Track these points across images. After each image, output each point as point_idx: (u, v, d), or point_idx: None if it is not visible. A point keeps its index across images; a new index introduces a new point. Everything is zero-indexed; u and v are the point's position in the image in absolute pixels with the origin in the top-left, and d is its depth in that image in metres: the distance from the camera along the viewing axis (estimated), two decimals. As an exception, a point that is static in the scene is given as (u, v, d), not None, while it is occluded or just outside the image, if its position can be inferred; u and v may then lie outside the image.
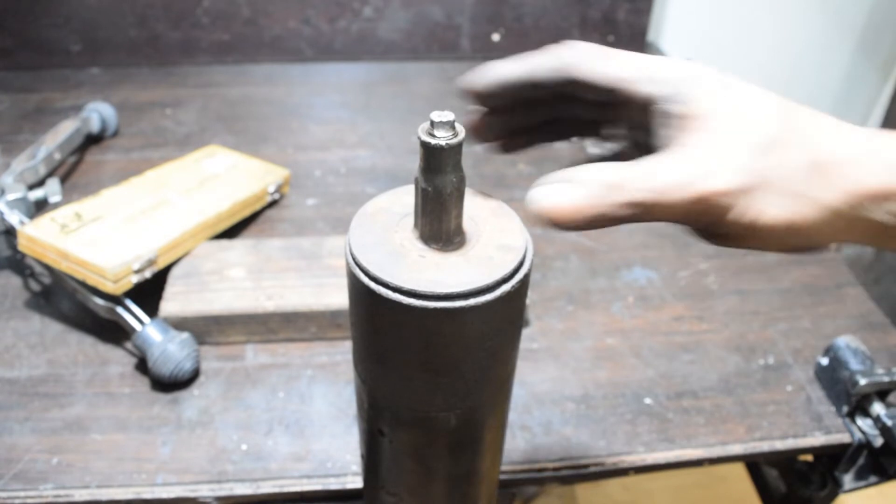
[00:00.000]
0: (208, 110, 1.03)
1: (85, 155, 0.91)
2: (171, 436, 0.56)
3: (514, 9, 1.19)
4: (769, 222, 0.28)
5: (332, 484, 0.53)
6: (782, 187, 0.28)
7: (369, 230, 0.32)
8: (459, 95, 0.33)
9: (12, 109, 1.02)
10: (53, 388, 0.59)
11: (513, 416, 0.58)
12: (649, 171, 0.27)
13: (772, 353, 0.65)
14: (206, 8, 1.13)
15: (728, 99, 0.28)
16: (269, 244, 0.70)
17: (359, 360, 0.36)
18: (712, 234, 0.29)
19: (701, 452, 0.56)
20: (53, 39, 1.12)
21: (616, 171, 0.28)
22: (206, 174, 0.79)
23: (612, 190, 0.27)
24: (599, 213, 0.27)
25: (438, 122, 0.29)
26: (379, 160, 0.93)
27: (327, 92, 1.11)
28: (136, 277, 0.61)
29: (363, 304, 0.31)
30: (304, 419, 0.58)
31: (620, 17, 1.22)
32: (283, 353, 0.64)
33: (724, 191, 0.27)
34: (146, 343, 0.58)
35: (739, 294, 0.72)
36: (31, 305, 0.68)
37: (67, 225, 0.63)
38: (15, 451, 0.54)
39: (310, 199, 0.85)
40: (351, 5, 1.16)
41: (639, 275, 0.74)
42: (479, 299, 0.29)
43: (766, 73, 1.45)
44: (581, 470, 0.55)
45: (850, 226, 0.29)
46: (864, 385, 0.56)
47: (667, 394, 0.61)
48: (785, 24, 1.41)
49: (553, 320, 0.68)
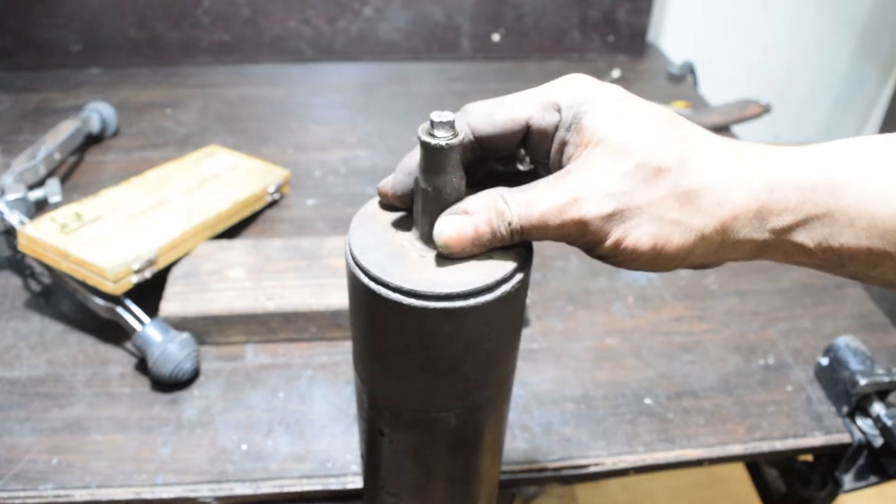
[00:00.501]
0: (208, 110, 1.03)
1: (85, 155, 0.91)
2: (171, 436, 0.56)
3: (514, 9, 1.19)
4: (634, 245, 0.30)
5: (332, 484, 0.53)
6: (651, 213, 0.29)
7: (369, 230, 0.32)
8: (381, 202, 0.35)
9: (12, 109, 1.02)
10: (53, 388, 0.59)
11: (513, 416, 0.58)
12: (530, 198, 0.30)
13: (772, 353, 0.65)
14: (206, 8, 1.13)
15: (616, 127, 0.30)
16: (269, 244, 0.70)
17: (359, 360, 0.36)
18: (595, 254, 0.31)
19: (701, 452, 0.56)
20: (53, 39, 1.12)
21: (500, 199, 0.30)
22: (206, 174, 0.79)
23: (496, 218, 0.30)
24: (486, 240, 0.30)
25: (438, 122, 0.29)
26: (379, 160, 0.93)
27: (327, 92, 1.11)
28: (136, 277, 0.61)
29: (363, 305, 0.31)
30: (304, 419, 0.58)
31: (620, 17, 1.22)
32: (283, 354, 0.64)
33: (593, 217, 0.29)
34: (146, 343, 0.58)
35: (739, 294, 0.72)
36: (31, 305, 0.68)
37: (67, 225, 0.63)
38: (15, 451, 0.54)
39: (310, 200, 0.85)
40: (351, 5, 1.16)
41: (639, 275, 0.74)
42: (478, 299, 0.29)
43: (765, 74, 1.45)
44: (581, 470, 0.55)
45: (733, 247, 0.31)
46: (864, 385, 0.56)
47: (667, 394, 0.61)
48: (785, 25, 1.41)
49: (553, 320, 0.68)
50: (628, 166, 0.29)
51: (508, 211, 0.30)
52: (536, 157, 0.34)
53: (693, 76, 1.19)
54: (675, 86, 1.17)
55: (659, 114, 0.31)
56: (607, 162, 0.29)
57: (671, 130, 0.30)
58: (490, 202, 0.30)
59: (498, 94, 0.33)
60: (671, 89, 1.15)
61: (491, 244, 0.31)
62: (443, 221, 0.30)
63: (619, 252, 0.30)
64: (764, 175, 0.30)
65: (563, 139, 0.31)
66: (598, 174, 0.29)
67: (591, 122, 0.30)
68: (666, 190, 0.29)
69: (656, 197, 0.29)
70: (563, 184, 0.30)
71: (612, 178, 0.29)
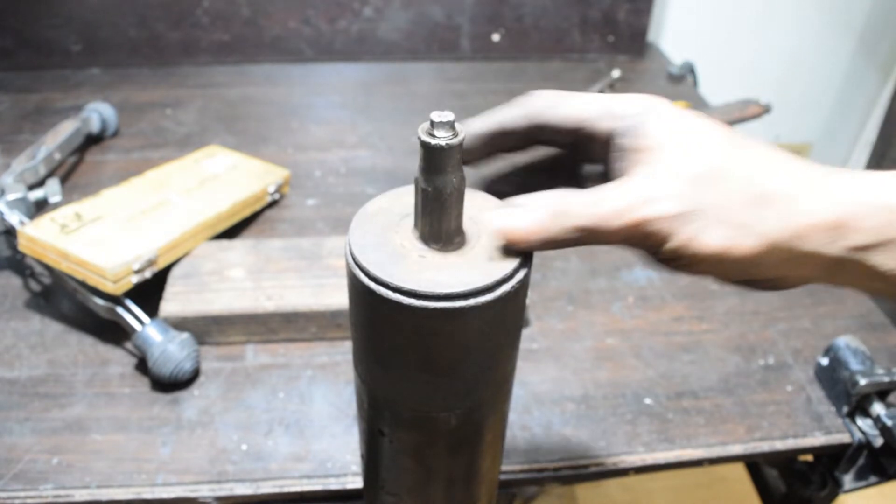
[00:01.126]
0: (208, 110, 1.03)
1: (85, 155, 0.92)
2: (171, 436, 0.56)
3: (514, 9, 1.19)
4: (702, 249, 0.29)
5: (332, 484, 0.53)
6: (720, 216, 0.28)
7: (369, 230, 0.32)
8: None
9: (12, 109, 1.02)
10: (53, 389, 0.59)
11: (513, 416, 0.58)
12: (595, 199, 0.29)
13: (772, 353, 0.65)
14: (206, 8, 1.13)
15: (676, 132, 0.30)
16: (269, 244, 0.70)
17: (359, 360, 0.36)
18: (659, 259, 0.31)
19: (701, 452, 0.56)
20: (53, 39, 1.12)
21: (564, 199, 0.30)
22: (206, 174, 0.79)
23: (559, 216, 0.30)
24: (548, 236, 0.30)
25: (438, 122, 0.29)
26: (379, 160, 0.93)
27: (327, 92, 1.11)
28: (136, 277, 0.61)
29: (363, 305, 0.31)
30: (304, 419, 0.58)
31: (620, 17, 1.22)
32: (283, 354, 0.64)
33: (659, 217, 0.28)
34: (146, 343, 0.58)
35: (739, 294, 0.72)
36: (31, 305, 0.68)
37: (67, 225, 0.63)
38: (15, 451, 0.54)
39: (310, 200, 0.85)
40: (351, 5, 1.16)
41: (639, 275, 0.74)
42: (478, 299, 0.29)
43: (766, 74, 1.45)
44: (581, 470, 0.55)
45: (799, 260, 0.29)
46: (864, 385, 0.56)
47: (667, 394, 0.61)
48: (785, 25, 1.41)
49: (553, 320, 0.68)
50: (696, 168, 0.29)
51: (572, 210, 0.30)
52: (585, 162, 0.35)
53: (693, 76, 1.19)
54: (675, 86, 1.17)
55: (722, 124, 0.31)
56: (673, 164, 0.29)
57: (739, 136, 0.30)
58: (555, 199, 0.30)
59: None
60: (671, 89, 1.15)
61: (551, 241, 0.30)
62: (507, 213, 0.30)
63: (684, 255, 0.29)
64: (844, 188, 0.29)
65: (623, 146, 0.31)
66: (663, 176, 0.29)
67: (655, 127, 0.30)
68: (735, 193, 0.28)
69: (725, 199, 0.28)
70: (628, 185, 0.29)
71: (678, 179, 0.29)
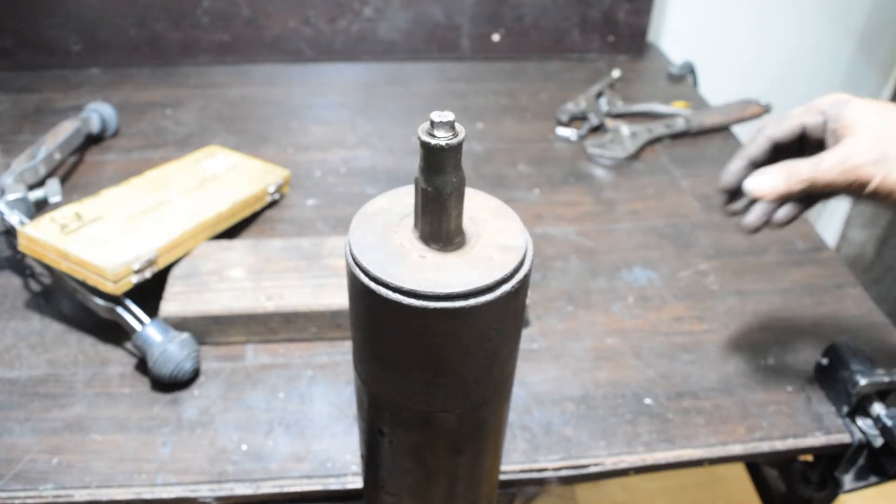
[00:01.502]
0: (208, 110, 1.03)
1: (85, 155, 0.92)
2: (171, 436, 0.56)
3: (514, 9, 1.19)
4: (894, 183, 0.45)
5: (332, 484, 0.53)
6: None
7: (369, 230, 0.32)
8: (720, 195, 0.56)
9: (12, 109, 1.02)
10: (53, 389, 0.59)
11: (513, 416, 0.58)
12: (816, 160, 0.47)
13: (772, 354, 0.65)
14: (206, 8, 1.13)
15: (866, 115, 0.47)
16: (269, 244, 0.70)
17: (359, 360, 0.36)
18: (864, 195, 0.46)
19: (701, 452, 0.56)
20: (53, 39, 1.12)
21: (794, 164, 0.48)
22: (206, 174, 0.79)
23: (792, 175, 0.47)
24: (785, 189, 0.48)
25: (438, 123, 0.29)
26: (379, 160, 0.93)
27: (327, 92, 1.11)
28: (136, 277, 0.61)
29: (363, 305, 0.31)
30: (304, 419, 0.58)
31: (620, 18, 1.22)
32: (283, 354, 0.64)
33: (863, 163, 0.45)
34: (146, 343, 0.58)
35: (739, 294, 0.72)
36: (31, 305, 0.68)
37: (67, 225, 0.63)
38: (15, 451, 0.54)
39: (310, 200, 0.85)
40: (351, 5, 1.16)
41: (639, 275, 0.74)
42: (479, 299, 0.29)
43: (766, 74, 1.45)
44: (581, 470, 0.55)
45: None
46: (864, 385, 0.56)
47: (667, 394, 0.61)
48: (784, 25, 1.41)
49: (553, 320, 0.68)
50: (882, 132, 0.45)
51: (801, 170, 0.47)
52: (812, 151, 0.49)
53: (693, 76, 1.19)
54: (675, 86, 1.17)
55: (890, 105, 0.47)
56: (868, 132, 0.46)
57: None
58: (788, 165, 0.48)
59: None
60: (671, 89, 1.15)
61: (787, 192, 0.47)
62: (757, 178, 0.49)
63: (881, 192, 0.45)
64: None
65: (832, 129, 0.48)
66: (863, 139, 0.46)
67: (850, 112, 0.47)
68: None
69: None
70: (837, 149, 0.46)
71: (873, 140, 0.45)
